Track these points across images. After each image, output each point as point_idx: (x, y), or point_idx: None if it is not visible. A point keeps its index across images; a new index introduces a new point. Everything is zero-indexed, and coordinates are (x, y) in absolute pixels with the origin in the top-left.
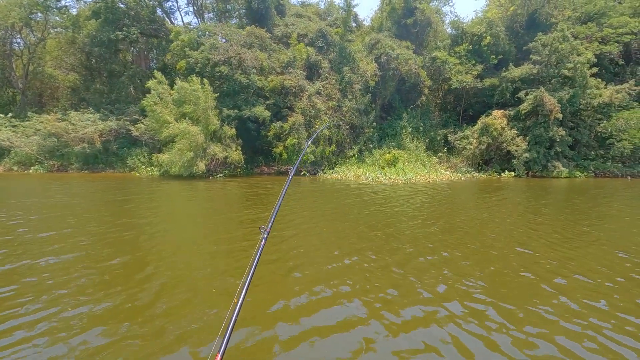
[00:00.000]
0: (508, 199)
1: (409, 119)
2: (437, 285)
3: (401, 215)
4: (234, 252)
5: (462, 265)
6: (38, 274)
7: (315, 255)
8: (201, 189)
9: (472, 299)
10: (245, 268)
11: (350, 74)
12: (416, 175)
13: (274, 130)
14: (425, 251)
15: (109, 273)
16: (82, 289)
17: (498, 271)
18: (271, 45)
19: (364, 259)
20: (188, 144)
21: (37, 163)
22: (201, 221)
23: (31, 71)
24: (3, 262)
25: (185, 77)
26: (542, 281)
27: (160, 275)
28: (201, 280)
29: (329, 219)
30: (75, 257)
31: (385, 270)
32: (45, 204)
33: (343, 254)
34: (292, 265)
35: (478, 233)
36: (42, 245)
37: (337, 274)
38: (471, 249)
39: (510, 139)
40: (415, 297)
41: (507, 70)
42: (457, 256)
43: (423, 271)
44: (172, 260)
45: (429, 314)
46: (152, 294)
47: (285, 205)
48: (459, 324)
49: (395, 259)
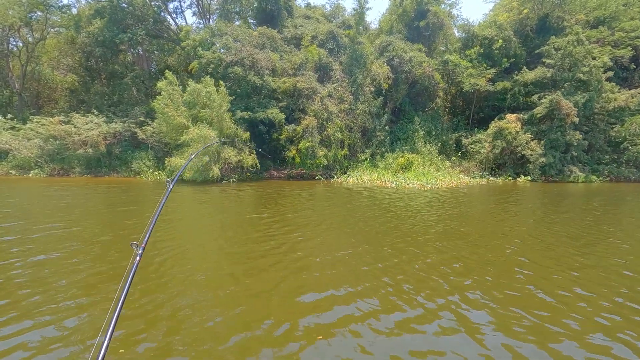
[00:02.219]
0: (556, 209)
1: (421, 123)
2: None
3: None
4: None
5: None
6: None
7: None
8: (230, 194)
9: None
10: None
11: (363, 77)
12: (437, 180)
13: (286, 134)
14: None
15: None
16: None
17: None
18: (282, 47)
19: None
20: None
21: (37, 167)
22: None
23: (29, 72)
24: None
25: (197, 78)
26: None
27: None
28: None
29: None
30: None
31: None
32: (90, 211)
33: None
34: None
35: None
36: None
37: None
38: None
39: (525, 143)
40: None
41: (519, 73)
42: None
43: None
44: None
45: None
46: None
47: (321, 214)
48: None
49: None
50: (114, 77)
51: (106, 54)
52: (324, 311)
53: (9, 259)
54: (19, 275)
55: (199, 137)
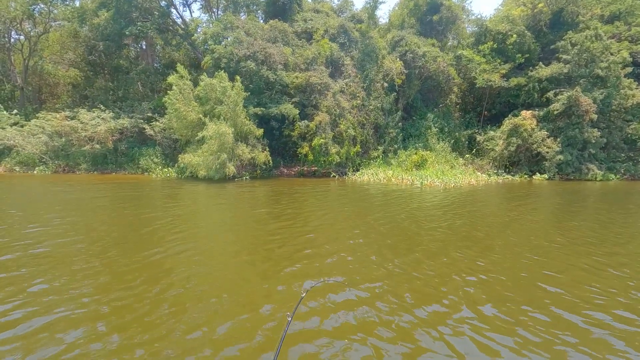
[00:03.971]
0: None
1: (434, 119)
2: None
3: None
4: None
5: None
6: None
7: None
8: (252, 192)
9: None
10: None
11: (375, 72)
12: (458, 178)
13: (299, 130)
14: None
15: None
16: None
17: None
18: (294, 41)
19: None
20: (218, 145)
21: (42, 163)
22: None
23: (31, 66)
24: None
25: (209, 73)
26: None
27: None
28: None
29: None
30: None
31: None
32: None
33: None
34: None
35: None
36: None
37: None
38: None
39: (541, 140)
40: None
41: (534, 69)
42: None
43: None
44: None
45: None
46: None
47: (367, 217)
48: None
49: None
50: (119, 72)
51: (110, 48)
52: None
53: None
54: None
55: (216, 134)
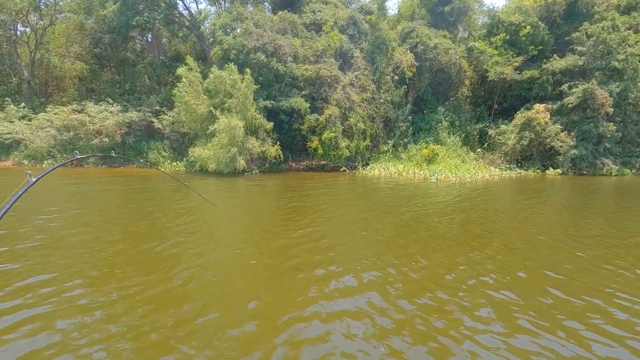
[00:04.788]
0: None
1: (445, 113)
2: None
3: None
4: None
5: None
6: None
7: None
8: (271, 186)
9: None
10: None
11: (385, 64)
12: (473, 173)
13: (308, 124)
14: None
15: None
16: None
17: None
18: (303, 32)
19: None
20: (229, 139)
21: (50, 157)
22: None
23: (37, 59)
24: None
25: (219, 65)
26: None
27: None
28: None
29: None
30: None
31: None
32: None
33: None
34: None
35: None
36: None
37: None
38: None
39: (554, 134)
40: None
41: (548, 61)
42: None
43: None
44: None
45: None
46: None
47: (395, 214)
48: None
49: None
50: (125, 65)
51: (116, 40)
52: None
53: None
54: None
55: (227, 128)
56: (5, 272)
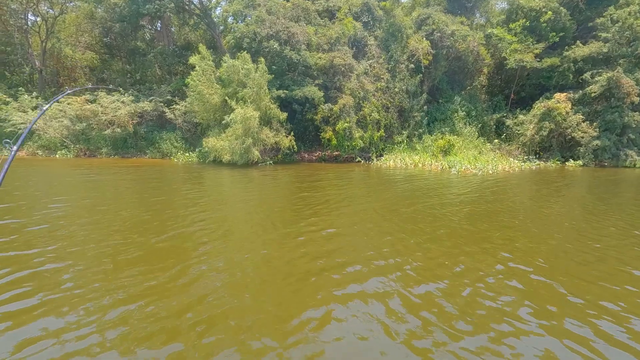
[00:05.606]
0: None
1: (461, 102)
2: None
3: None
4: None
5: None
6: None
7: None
8: (287, 177)
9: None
10: None
11: (400, 53)
12: (489, 164)
13: (322, 114)
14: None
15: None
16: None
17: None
18: (316, 20)
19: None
20: (243, 129)
21: (63, 147)
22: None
23: (48, 48)
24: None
25: (231, 54)
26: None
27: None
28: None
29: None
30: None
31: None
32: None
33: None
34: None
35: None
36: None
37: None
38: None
39: (576, 124)
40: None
41: (570, 48)
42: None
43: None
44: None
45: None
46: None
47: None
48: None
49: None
50: (135, 54)
51: (126, 29)
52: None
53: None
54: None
55: (242, 118)
56: (22, 259)
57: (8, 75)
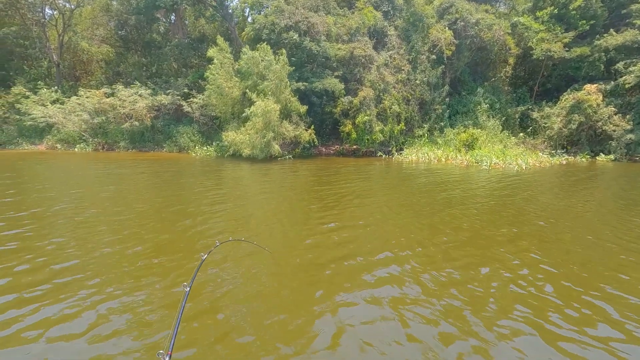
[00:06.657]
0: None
1: (484, 94)
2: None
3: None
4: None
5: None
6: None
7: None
8: (310, 173)
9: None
10: None
11: (421, 43)
12: (519, 158)
13: (341, 106)
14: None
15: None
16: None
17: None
18: (335, 9)
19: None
20: (264, 123)
21: (82, 141)
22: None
23: (65, 42)
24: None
25: (251, 46)
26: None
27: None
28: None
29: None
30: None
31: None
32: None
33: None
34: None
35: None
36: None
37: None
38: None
39: (607, 117)
40: None
41: (601, 37)
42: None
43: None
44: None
45: None
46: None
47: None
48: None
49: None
50: (151, 47)
51: (141, 22)
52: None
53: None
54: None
55: (263, 112)
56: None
57: (27, 69)
